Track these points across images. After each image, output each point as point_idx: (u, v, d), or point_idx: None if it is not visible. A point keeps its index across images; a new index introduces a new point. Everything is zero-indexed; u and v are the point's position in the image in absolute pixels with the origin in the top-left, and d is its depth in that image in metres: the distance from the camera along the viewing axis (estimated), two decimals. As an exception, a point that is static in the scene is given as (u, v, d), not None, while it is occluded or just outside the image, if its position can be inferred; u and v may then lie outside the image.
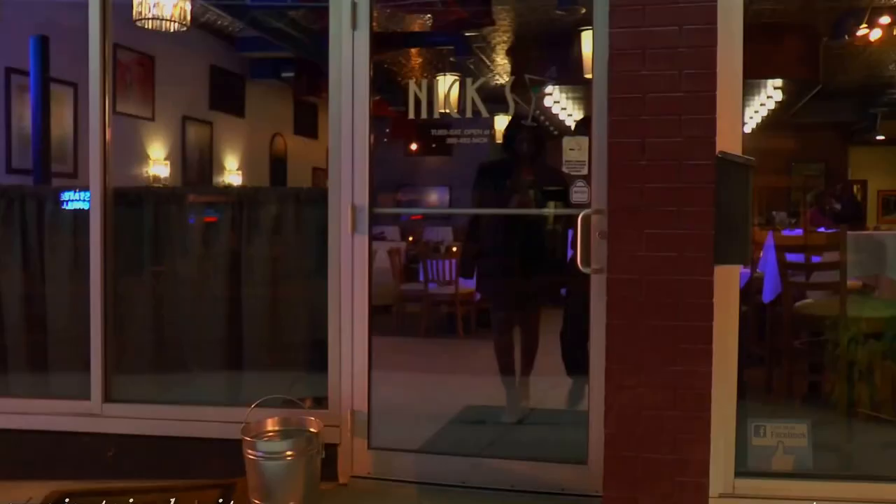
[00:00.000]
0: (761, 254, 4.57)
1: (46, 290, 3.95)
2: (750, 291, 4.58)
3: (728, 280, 2.91)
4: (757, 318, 4.83)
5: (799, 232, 6.33)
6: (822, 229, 6.20)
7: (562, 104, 9.96)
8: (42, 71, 4.62)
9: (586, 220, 3.20)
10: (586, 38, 6.46)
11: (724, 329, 2.88)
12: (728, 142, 2.87)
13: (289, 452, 3.22)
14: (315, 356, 3.65)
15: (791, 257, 4.16)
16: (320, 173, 10.90)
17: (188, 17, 5.24)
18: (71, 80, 6.39)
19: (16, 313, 3.96)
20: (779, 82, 8.26)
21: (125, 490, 3.44)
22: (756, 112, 9.80)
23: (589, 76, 6.54)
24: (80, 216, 3.83)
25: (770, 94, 8.89)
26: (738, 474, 2.92)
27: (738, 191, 2.85)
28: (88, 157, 3.71)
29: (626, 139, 2.90)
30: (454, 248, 7.83)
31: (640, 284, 2.88)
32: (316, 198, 3.73)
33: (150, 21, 5.16)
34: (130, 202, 3.89)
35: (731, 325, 2.92)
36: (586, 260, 3.18)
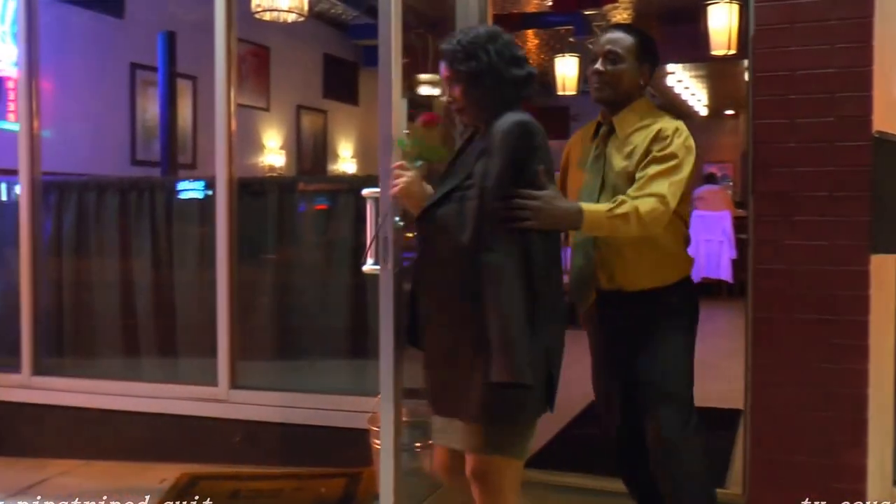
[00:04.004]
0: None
1: (175, 278, 4.04)
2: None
3: (885, 271, 2.70)
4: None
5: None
6: None
7: (685, 83, 9.46)
8: (169, 66, 4.73)
9: None
10: (712, 12, 6.18)
11: (880, 324, 2.67)
12: (885, 121, 2.66)
13: (416, 444, 3.18)
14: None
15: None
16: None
17: (305, 8, 5.24)
18: (191, 74, 6.56)
19: (147, 301, 4.08)
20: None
21: (254, 475, 3.50)
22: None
23: (716, 52, 6.25)
24: (207, 205, 3.91)
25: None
26: (896, 482, 2.71)
27: (896, 174, 2.64)
28: (207, 149, 3.77)
29: (774, 119, 2.73)
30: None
31: (787, 275, 2.71)
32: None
33: (268, 13, 5.18)
34: (253, 192, 3.95)
35: (888, 320, 2.71)
36: None
